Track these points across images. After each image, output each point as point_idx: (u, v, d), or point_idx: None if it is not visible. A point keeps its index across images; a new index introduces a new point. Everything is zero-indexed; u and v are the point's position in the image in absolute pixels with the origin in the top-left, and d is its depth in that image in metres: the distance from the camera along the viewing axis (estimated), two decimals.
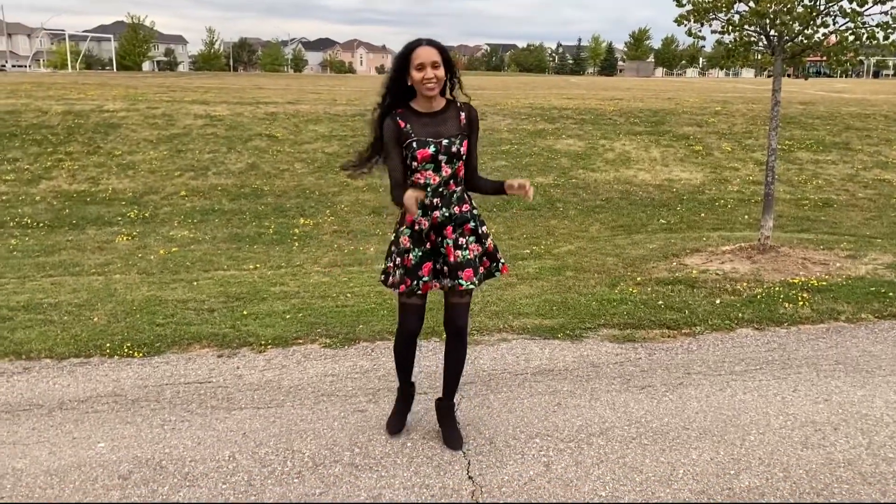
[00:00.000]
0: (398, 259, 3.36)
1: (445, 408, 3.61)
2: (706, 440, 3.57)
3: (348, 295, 6.00)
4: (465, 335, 3.50)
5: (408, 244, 3.33)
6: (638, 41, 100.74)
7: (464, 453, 3.45)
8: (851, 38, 6.58)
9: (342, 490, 3.15)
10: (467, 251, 3.33)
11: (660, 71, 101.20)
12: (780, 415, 3.85)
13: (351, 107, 16.10)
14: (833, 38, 6.74)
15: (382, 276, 3.51)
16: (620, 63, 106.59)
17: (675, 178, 12.01)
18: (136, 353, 4.73)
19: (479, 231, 3.40)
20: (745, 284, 6.12)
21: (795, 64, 7.38)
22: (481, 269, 3.42)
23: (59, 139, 12.68)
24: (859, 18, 6.46)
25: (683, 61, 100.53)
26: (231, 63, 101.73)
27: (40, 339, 4.98)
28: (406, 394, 3.70)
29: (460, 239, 3.33)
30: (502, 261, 3.53)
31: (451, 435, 3.53)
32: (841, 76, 53.13)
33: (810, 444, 3.53)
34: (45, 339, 4.97)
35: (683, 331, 5.15)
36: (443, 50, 3.19)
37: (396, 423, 3.66)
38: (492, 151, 12.88)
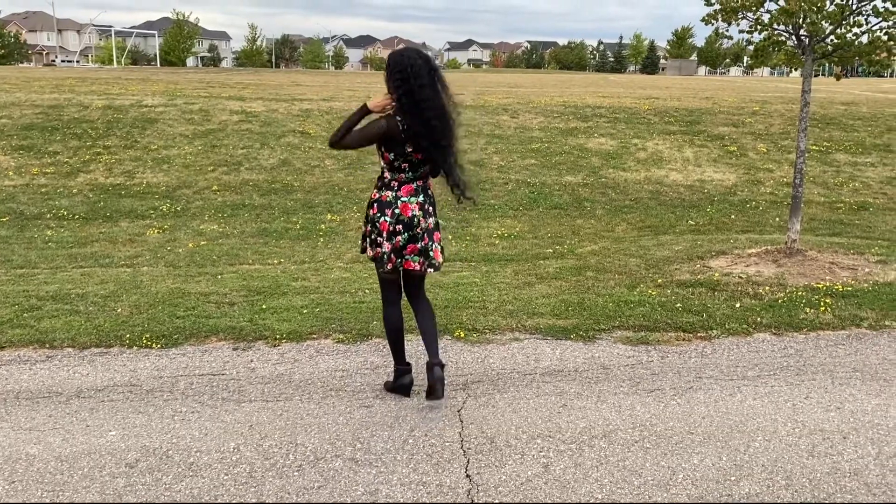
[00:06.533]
0: None
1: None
2: (709, 445, 3.54)
3: (366, 290, 6.05)
4: None
5: None
6: (681, 39, 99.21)
7: (464, 452, 3.47)
8: (885, 37, 6.43)
9: (340, 485, 3.19)
10: None
11: (703, 69, 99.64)
12: (788, 422, 3.79)
13: None
14: (865, 38, 6.59)
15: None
16: (663, 61, 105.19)
17: (707, 179, 11.84)
18: (154, 345, 4.84)
19: None
20: (767, 288, 6.03)
21: (842, 63, 7.21)
22: None
23: (98, 133, 12.97)
24: (893, 17, 6.30)
25: (727, 60, 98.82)
26: (273, 59, 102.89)
27: (65, 328, 5.12)
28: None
29: None
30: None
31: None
32: (876, 76, 51.60)
33: (817, 453, 3.48)
34: (70, 328, 5.12)
35: (699, 334, 5.10)
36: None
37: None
38: (522, 150, 12.84)
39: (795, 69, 7.51)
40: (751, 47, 7.31)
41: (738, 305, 5.64)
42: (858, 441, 3.58)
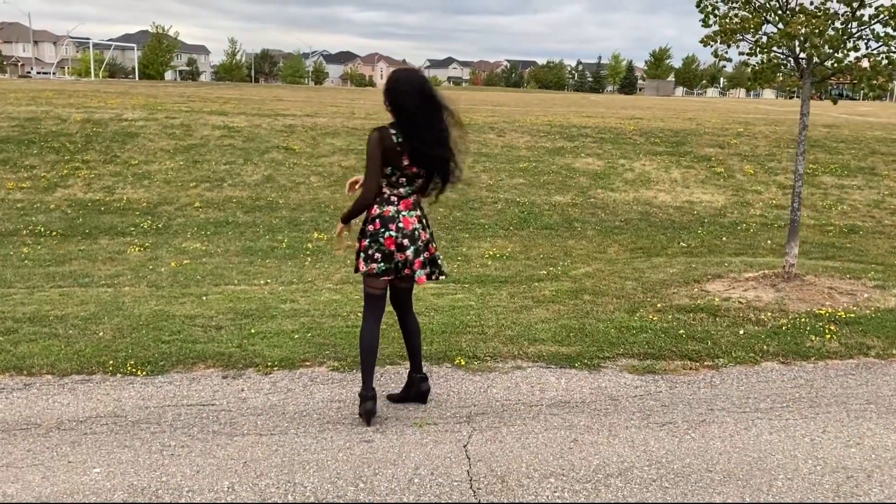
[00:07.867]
0: None
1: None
2: (730, 485, 3.38)
3: (358, 314, 5.83)
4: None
5: None
6: (658, 60, 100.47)
7: (474, 492, 3.27)
8: (885, 62, 6.38)
9: None
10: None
11: (680, 90, 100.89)
12: (809, 458, 3.64)
13: (369, 120, 16.01)
14: (865, 62, 6.55)
15: None
16: (640, 82, 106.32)
17: (695, 201, 11.80)
18: (139, 372, 4.60)
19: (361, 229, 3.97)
20: (769, 314, 5.91)
21: (821, 87, 7.19)
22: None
23: (76, 147, 12.66)
24: (893, 42, 6.26)
25: (704, 81, 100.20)
26: (252, 74, 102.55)
27: (43, 353, 4.86)
28: None
29: None
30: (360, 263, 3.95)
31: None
32: (870, 99, 52.53)
33: (843, 493, 3.32)
34: (49, 353, 4.86)
35: (706, 363, 4.95)
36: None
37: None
38: (510, 169, 12.73)
39: (786, 91, 7.46)
40: (728, 68, 7.27)
41: (741, 332, 5.51)
42: (884, 480, 3.44)
